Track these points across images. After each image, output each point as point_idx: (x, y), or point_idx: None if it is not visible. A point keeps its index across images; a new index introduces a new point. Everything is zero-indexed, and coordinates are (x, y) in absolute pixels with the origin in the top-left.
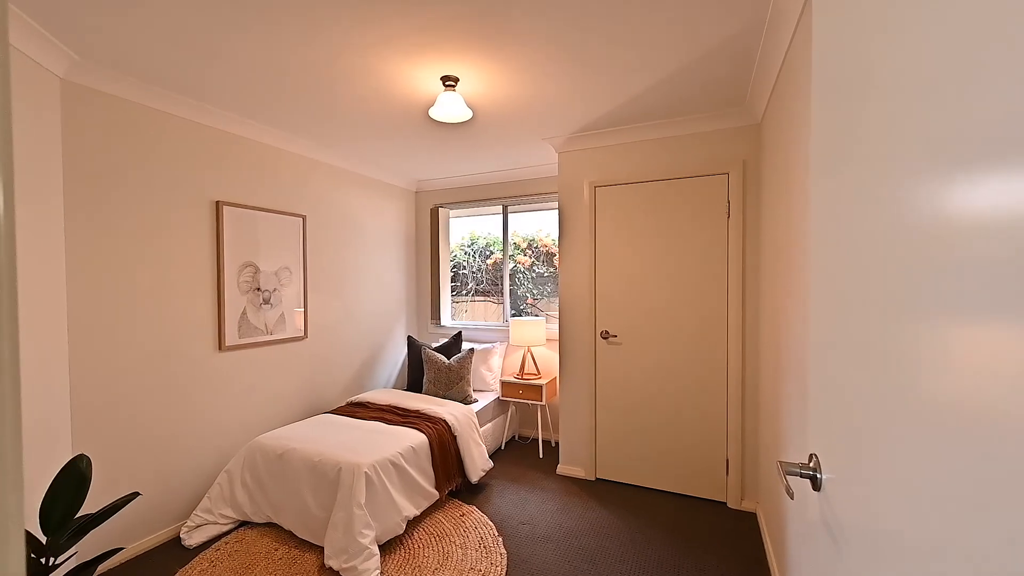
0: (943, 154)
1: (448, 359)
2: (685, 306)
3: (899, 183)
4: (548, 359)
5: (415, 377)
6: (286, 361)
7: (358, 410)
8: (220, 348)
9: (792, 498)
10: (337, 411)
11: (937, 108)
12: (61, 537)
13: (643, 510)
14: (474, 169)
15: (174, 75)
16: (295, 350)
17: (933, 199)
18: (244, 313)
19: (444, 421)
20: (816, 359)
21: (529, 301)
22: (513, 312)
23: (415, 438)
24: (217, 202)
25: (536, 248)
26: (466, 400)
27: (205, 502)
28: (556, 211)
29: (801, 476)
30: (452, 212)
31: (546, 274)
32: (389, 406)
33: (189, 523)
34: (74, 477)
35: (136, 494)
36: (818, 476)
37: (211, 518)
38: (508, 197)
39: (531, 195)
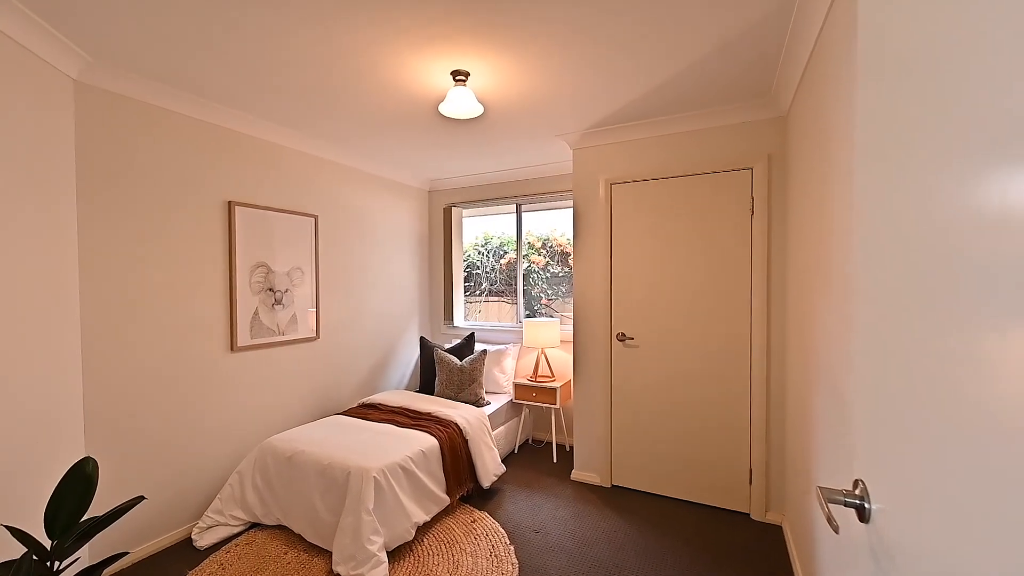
0: (1015, 140)
1: (460, 361)
2: (706, 308)
3: (967, 172)
4: (563, 361)
5: (427, 379)
6: (298, 362)
7: (369, 412)
8: (232, 349)
9: (837, 532)
10: (348, 412)
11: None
12: (66, 540)
13: (661, 520)
14: (487, 167)
15: (185, 74)
16: (307, 351)
17: (1011, 188)
18: (256, 314)
19: (455, 424)
20: (863, 372)
21: (544, 301)
22: (527, 313)
23: (426, 441)
24: (229, 202)
25: (551, 248)
26: (478, 403)
27: (216, 503)
28: (571, 210)
29: (845, 505)
30: (465, 211)
31: (561, 274)
32: (400, 408)
33: (200, 524)
34: (80, 480)
35: (141, 498)
36: (866, 506)
37: (222, 519)
38: (522, 196)
39: (545, 193)
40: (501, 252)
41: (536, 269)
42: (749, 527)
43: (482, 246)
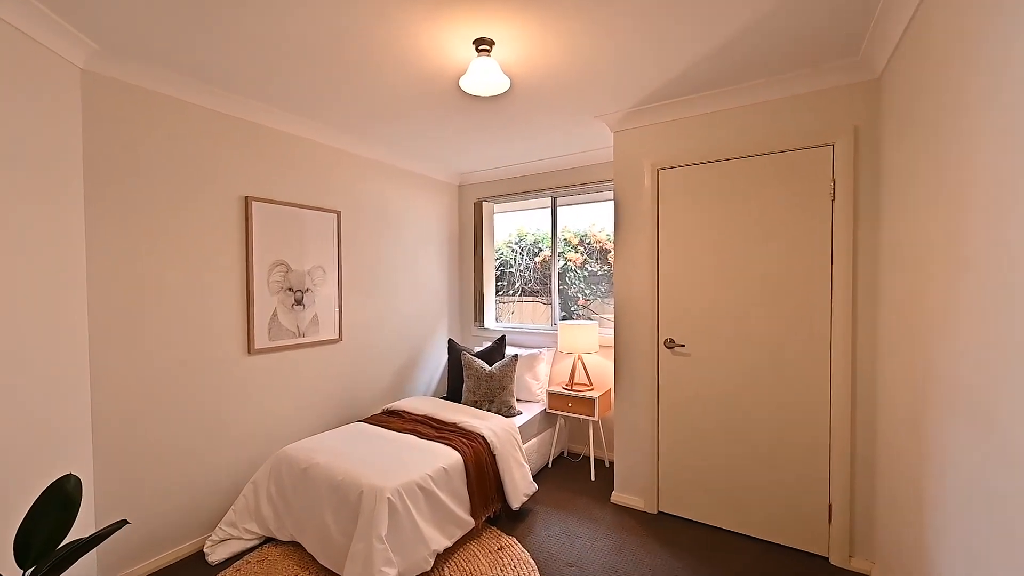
0: None
1: (489, 366)
2: (774, 310)
3: None
4: (602, 368)
5: (455, 384)
6: (319, 365)
7: (392, 420)
8: (249, 351)
9: None
10: (371, 419)
11: None
12: (41, 569)
13: (716, 557)
14: (518, 157)
15: (195, 61)
16: (329, 353)
17: None
18: (275, 314)
19: (482, 437)
20: None
21: (581, 302)
22: (563, 315)
23: (448, 457)
24: (246, 197)
25: (589, 244)
26: (508, 412)
27: (230, 515)
28: (611, 202)
29: None
30: (498, 207)
31: (600, 272)
32: (424, 417)
33: (213, 537)
34: (59, 500)
35: (124, 522)
36: None
37: (235, 532)
38: (557, 188)
39: (582, 184)
40: (536, 249)
41: (573, 267)
42: (827, 573)
43: (516, 243)
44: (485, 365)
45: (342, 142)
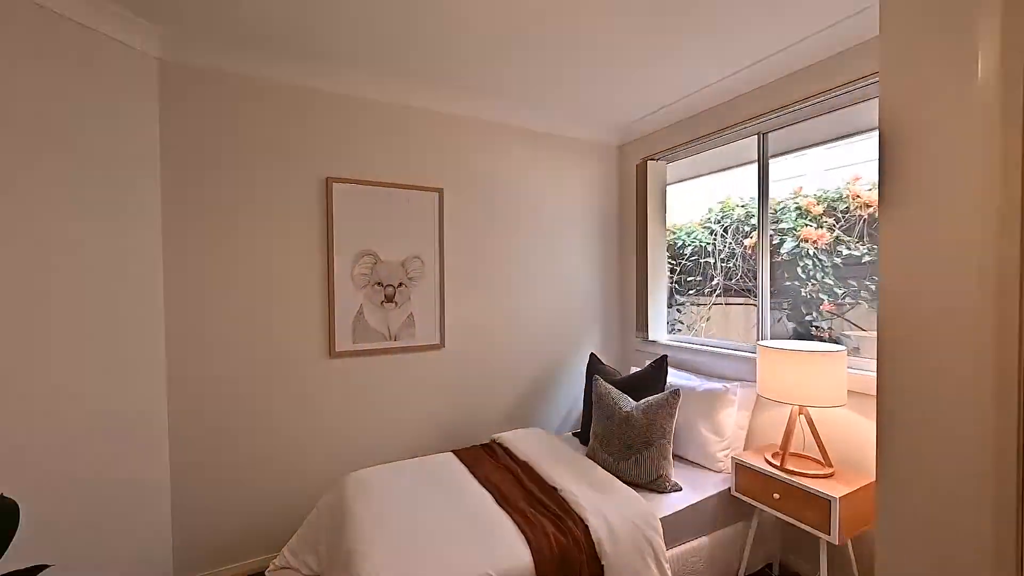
0: None
1: (633, 403)
2: None
3: None
4: (854, 433)
5: (589, 419)
6: (414, 374)
7: (486, 459)
8: (330, 354)
9: None
10: (463, 452)
11: None
12: None
13: None
14: (700, 79)
15: (272, 33)
16: (427, 361)
17: None
18: (360, 312)
19: (584, 527)
20: None
21: (825, 307)
22: (793, 327)
23: (511, 556)
24: (327, 179)
25: (847, 213)
26: (655, 484)
27: (294, 541)
28: (874, 133)
29: None
30: (676, 169)
31: (864, 260)
32: (523, 464)
33: (276, 562)
34: None
35: (44, 566)
36: None
37: (294, 562)
38: (767, 114)
39: (815, 98)
40: (746, 228)
41: (810, 251)
42: None
43: (716, 220)
44: (625, 401)
45: (449, 105)
